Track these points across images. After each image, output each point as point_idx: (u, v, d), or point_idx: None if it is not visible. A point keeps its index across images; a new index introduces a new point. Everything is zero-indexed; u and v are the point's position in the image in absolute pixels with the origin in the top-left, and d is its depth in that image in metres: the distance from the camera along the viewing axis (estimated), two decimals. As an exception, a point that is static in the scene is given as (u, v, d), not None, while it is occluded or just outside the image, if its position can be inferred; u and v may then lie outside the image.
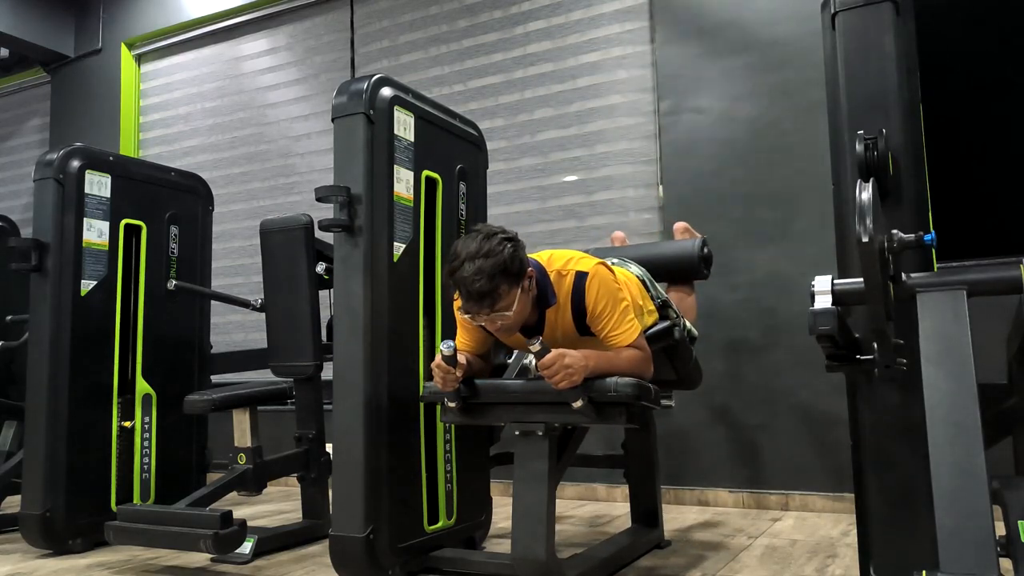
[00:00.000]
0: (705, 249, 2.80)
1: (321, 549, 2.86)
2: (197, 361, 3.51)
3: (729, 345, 3.50)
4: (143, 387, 3.26)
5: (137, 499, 3.20)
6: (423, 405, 2.43)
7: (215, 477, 3.03)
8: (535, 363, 2.00)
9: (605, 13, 4.00)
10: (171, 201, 3.45)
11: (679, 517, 3.25)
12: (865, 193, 1.44)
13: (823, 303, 1.62)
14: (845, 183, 1.87)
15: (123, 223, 3.22)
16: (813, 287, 1.65)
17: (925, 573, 1.31)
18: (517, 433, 2.12)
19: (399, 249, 2.37)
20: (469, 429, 2.61)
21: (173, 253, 3.44)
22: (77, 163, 3.07)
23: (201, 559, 2.77)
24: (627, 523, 2.85)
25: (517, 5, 4.23)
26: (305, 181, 4.76)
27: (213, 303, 3.73)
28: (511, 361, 2.51)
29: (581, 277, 2.12)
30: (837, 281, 1.66)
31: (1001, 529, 1.43)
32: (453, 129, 2.69)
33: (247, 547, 2.71)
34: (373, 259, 2.29)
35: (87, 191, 3.08)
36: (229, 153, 5.10)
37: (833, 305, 1.61)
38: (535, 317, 2.16)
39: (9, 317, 3.99)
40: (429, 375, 2.24)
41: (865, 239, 1.41)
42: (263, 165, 4.98)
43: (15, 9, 5.20)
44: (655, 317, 2.43)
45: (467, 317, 2.08)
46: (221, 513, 2.44)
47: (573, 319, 2.15)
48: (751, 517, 3.23)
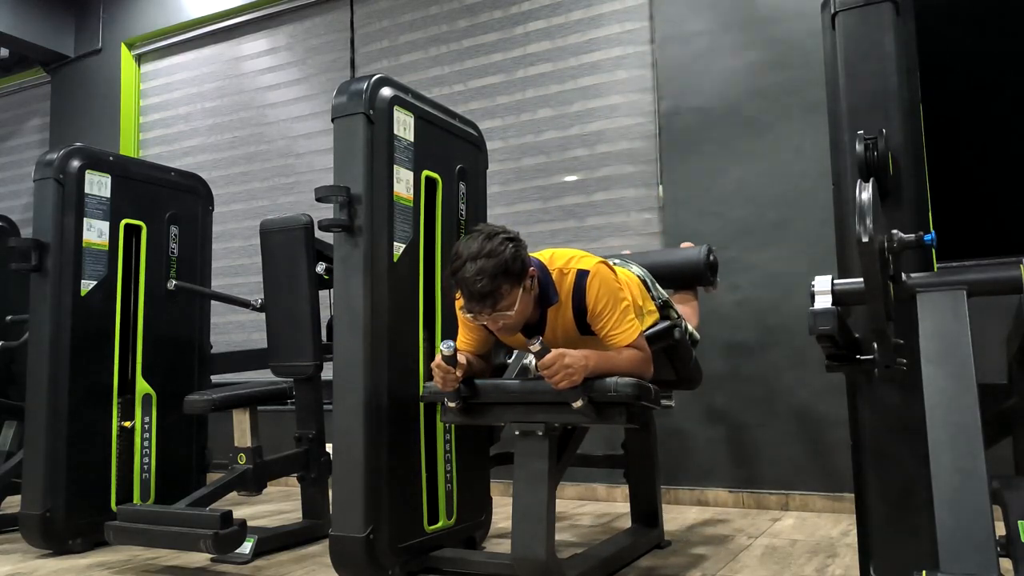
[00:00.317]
0: (711, 256, 2.81)
1: (321, 549, 2.86)
2: (197, 361, 3.51)
3: (729, 345, 3.50)
4: (143, 387, 3.26)
5: (137, 499, 3.20)
6: (423, 405, 2.43)
7: (215, 477, 3.03)
8: (535, 363, 2.00)
9: (605, 13, 4.00)
10: (171, 201, 3.45)
11: (679, 517, 3.25)
12: (865, 193, 1.44)
13: (823, 303, 1.62)
14: (845, 183, 1.87)
15: (123, 223, 3.22)
16: (813, 287, 1.65)
17: (925, 573, 1.31)
18: (517, 433, 2.12)
19: (399, 249, 2.37)
20: (469, 429, 2.61)
21: (173, 253, 3.44)
22: (77, 163, 3.07)
23: (201, 559, 2.77)
24: (627, 523, 2.85)
25: (517, 5, 4.23)
26: (305, 181, 4.76)
27: (213, 303, 3.73)
28: (511, 361, 2.52)
29: (582, 275, 2.12)
30: (837, 281, 1.66)
31: (1001, 529, 1.43)
32: (453, 129, 2.69)
33: (247, 547, 2.71)
34: (373, 259, 2.29)
35: (87, 191, 3.08)
36: (229, 153, 5.10)
37: (833, 305, 1.61)
38: (537, 316, 2.16)
39: (9, 317, 3.99)
40: (429, 375, 2.24)
41: (865, 239, 1.41)
42: (263, 165, 4.98)
43: (15, 9, 5.20)
44: (655, 317, 2.43)
45: (469, 316, 2.08)
46: (221, 513, 2.44)
47: (574, 317, 2.16)
48: (751, 517, 3.23)
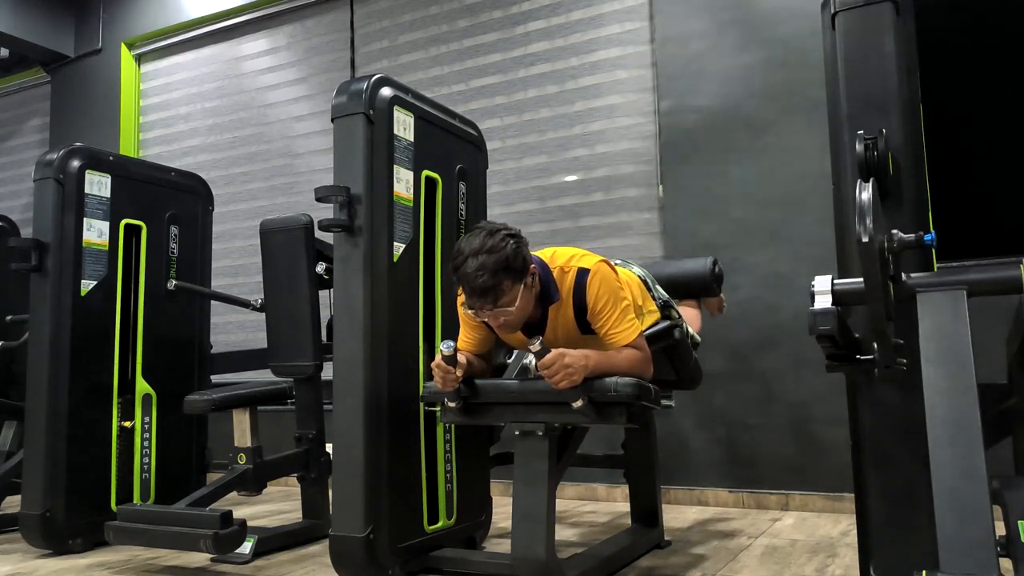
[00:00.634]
0: (717, 268, 2.82)
1: (321, 549, 2.86)
2: (197, 361, 3.51)
3: (729, 345, 3.50)
4: (143, 387, 3.26)
5: (137, 499, 3.20)
6: (423, 405, 2.43)
7: (215, 477, 3.03)
8: (535, 363, 2.00)
9: (605, 13, 4.00)
10: (171, 201, 3.45)
11: (679, 517, 3.25)
12: (865, 193, 1.44)
13: (823, 303, 1.62)
14: (845, 183, 1.87)
15: (123, 223, 3.22)
16: (813, 287, 1.65)
17: (925, 573, 1.31)
18: (517, 433, 2.12)
19: (399, 249, 2.37)
20: (469, 429, 2.61)
21: (173, 253, 3.44)
22: (77, 163, 3.07)
23: (201, 559, 2.77)
24: (627, 523, 2.85)
25: (517, 5, 4.23)
26: (305, 181, 4.76)
27: (213, 303, 3.73)
28: (511, 361, 2.52)
29: (583, 274, 2.12)
30: (837, 281, 1.66)
31: (1001, 529, 1.43)
32: (453, 129, 2.69)
33: (247, 547, 2.71)
34: (373, 259, 2.29)
35: (87, 191, 3.08)
36: (229, 153, 5.10)
37: (833, 305, 1.61)
38: (538, 314, 2.16)
39: (9, 317, 3.99)
40: (429, 375, 2.24)
41: (865, 239, 1.41)
42: (263, 165, 4.98)
43: (15, 9, 5.20)
44: (656, 317, 2.42)
45: (471, 313, 2.08)
46: (221, 513, 2.44)
47: (575, 316, 2.16)
48: (751, 517, 3.23)
